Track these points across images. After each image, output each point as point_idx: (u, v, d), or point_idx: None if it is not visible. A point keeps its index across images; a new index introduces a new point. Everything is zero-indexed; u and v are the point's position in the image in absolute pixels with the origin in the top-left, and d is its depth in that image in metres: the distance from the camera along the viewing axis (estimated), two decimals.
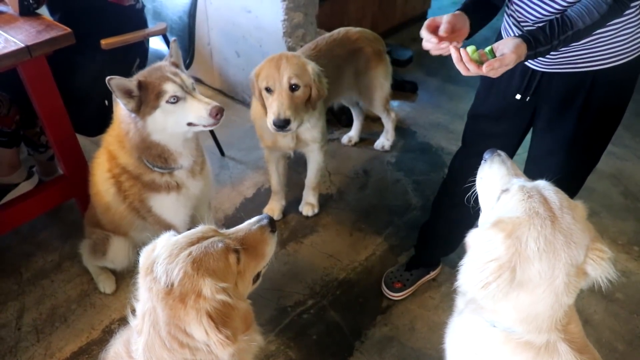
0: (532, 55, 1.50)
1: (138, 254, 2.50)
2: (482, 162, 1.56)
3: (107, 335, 2.35)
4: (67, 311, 2.47)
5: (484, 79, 1.77)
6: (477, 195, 1.56)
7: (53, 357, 2.28)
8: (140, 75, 1.96)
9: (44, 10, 2.52)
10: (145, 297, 1.27)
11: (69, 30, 2.28)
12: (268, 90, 2.34)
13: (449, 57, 1.60)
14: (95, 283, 2.57)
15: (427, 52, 1.67)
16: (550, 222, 1.24)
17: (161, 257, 1.28)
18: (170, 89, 1.93)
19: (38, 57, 2.22)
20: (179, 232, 2.27)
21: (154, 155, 2.04)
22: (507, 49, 1.47)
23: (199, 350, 1.23)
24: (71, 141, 2.55)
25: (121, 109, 2.00)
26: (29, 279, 2.62)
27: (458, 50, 1.52)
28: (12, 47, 2.13)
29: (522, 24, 1.71)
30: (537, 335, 1.29)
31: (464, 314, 1.49)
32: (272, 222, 1.52)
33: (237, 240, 1.42)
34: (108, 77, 1.83)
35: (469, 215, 2.29)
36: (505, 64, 1.46)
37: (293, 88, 2.33)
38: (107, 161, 2.15)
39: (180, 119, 1.97)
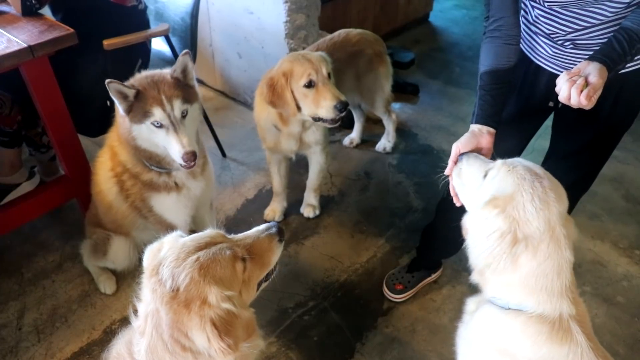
0: (611, 76, 1.47)
1: (139, 254, 2.51)
2: (458, 164, 1.63)
3: (108, 335, 2.35)
4: (67, 311, 2.47)
5: None
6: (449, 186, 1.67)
7: (54, 357, 2.28)
8: (140, 83, 1.92)
9: (46, 11, 2.53)
10: (149, 299, 1.27)
11: (71, 30, 2.28)
12: (309, 85, 2.35)
13: (452, 58, 1.61)
14: (95, 283, 2.57)
15: (428, 54, 1.69)
16: (539, 183, 1.35)
17: (168, 260, 1.28)
18: (157, 115, 1.89)
19: (40, 57, 2.22)
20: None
21: (146, 157, 2.03)
22: (593, 77, 1.43)
23: (201, 355, 1.23)
24: (73, 141, 2.55)
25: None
26: (30, 279, 2.62)
27: None
28: (14, 47, 2.14)
29: (553, 36, 1.73)
30: (550, 302, 1.33)
31: (477, 312, 1.51)
32: (280, 231, 1.52)
33: (244, 247, 1.41)
34: (108, 80, 1.81)
35: None
36: (596, 89, 1.42)
37: (328, 76, 2.40)
38: (109, 159, 2.15)
39: (159, 142, 1.96)
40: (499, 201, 1.36)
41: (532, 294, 1.34)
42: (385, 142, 3.48)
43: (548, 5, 1.65)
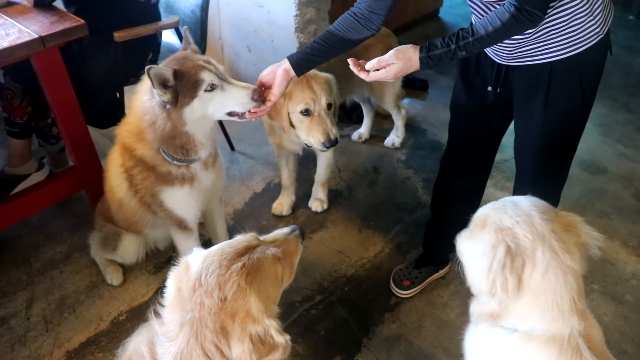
0: (424, 58, 1.68)
1: (147, 250, 2.52)
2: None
3: (115, 326, 2.37)
4: (75, 302, 2.48)
5: (459, 71, 1.98)
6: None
7: (61, 347, 2.29)
8: (172, 64, 1.88)
9: (59, 4, 2.53)
10: (190, 308, 1.27)
11: (82, 21, 2.28)
12: (305, 112, 2.36)
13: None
14: (103, 275, 2.58)
15: None
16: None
17: (211, 268, 1.28)
18: (207, 77, 1.86)
19: (51, 48, 2.23)
20: (189, 227, 2.27)
21: (177, 146, 1.98)
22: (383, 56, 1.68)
23: None
24: (82, 133, 2.56)
25: (143, 100, 1.92)
26: (39, 270, 2.63)
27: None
28: (25, 38, 2.14)
29: None
30: (562, 319, 1.29)
31: (480, 326, 1.47)
32: (302, 233, 1.54)
33: (279, 248, 1.45)
34: (147, 67, 1.75)
35: (467, 207, 2.31)
36: (373, 65, 1.71)
37: (328, 107, 2.39)
38: (120, 156, 2.12)
39: (218, 107, 1.92)
40: (480, 221, 1.37)
41: (545, 313, 1.30)
42: (394, 138, 3.47)
43: None
